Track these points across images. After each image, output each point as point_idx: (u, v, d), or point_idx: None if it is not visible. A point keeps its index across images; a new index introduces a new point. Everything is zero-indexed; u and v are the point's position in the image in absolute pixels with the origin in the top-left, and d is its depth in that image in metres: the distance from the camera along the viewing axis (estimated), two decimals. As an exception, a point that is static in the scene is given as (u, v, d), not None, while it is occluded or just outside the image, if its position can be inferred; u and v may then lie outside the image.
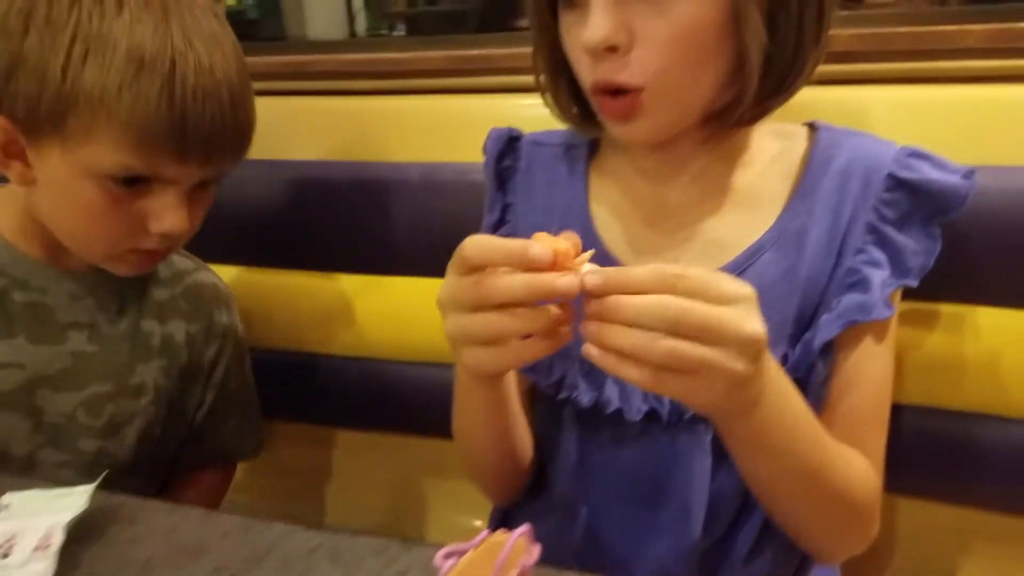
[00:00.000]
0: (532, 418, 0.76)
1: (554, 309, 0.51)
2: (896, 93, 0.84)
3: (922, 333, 0.78)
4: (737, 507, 0.68)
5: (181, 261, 0.88)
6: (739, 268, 0.65)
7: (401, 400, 0.99)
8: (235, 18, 2.85)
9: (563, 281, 0.48)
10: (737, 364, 0.48)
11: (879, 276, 0.63)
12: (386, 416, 1.02)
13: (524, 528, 0.42)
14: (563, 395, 0.70)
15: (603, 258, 0.69)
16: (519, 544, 0.43)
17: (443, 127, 0.96)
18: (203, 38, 0.68)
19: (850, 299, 0.63)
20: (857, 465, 0.64)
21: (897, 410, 0.79)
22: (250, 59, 0.74)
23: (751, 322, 0.48)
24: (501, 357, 0.52)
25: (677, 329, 0.47)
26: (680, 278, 0.47)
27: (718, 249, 0.67)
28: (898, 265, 0.64)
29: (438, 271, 0.54)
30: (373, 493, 1.11)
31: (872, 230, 0.65)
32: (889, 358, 0.68)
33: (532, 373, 0.72)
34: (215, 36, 0.69)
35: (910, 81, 0.85)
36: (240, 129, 0.72)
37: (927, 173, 0.64)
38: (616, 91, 0.60)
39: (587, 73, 0.61)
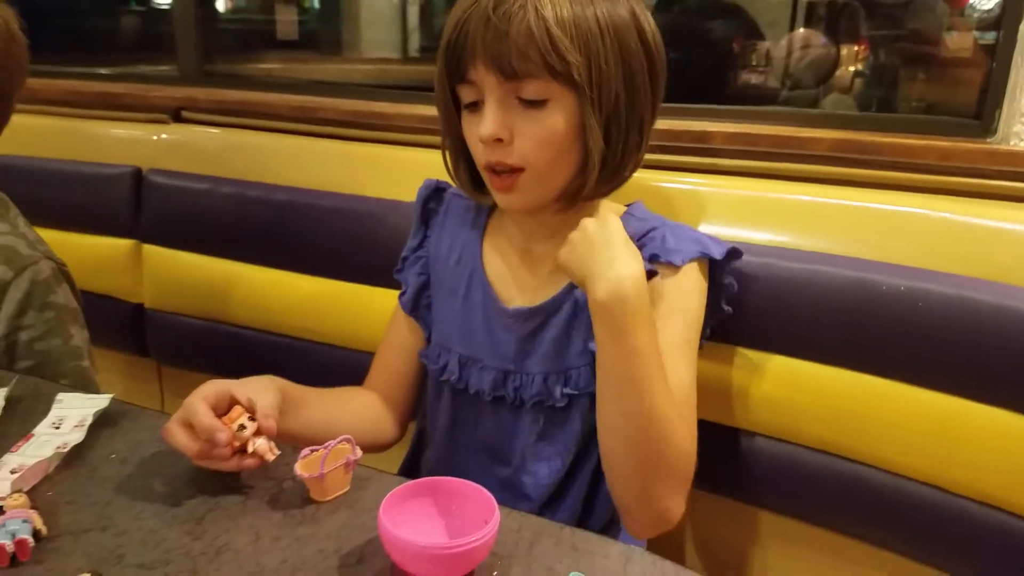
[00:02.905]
0: (421, 393, 1.05)
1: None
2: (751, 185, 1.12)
3: (720, 367, 1.05)
4: (562, 475, 0.95)
5: None
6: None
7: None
8: (301, 26, 3.18)
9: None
10: None
11: None
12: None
13: (346, 436, 0.71)
14: (444, 377, 0.99)
15: (484, 287, 0.97)
16: (344, 446, 0.71)
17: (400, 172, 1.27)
18: None
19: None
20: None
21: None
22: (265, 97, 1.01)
23: None
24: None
25: None
26: None
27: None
28: None
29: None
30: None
31: None
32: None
33: (425, 359, 1.02)
34: None
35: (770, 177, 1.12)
36: None
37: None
38: (500, 170, 0.86)
39: (481, 155, 0.87)
